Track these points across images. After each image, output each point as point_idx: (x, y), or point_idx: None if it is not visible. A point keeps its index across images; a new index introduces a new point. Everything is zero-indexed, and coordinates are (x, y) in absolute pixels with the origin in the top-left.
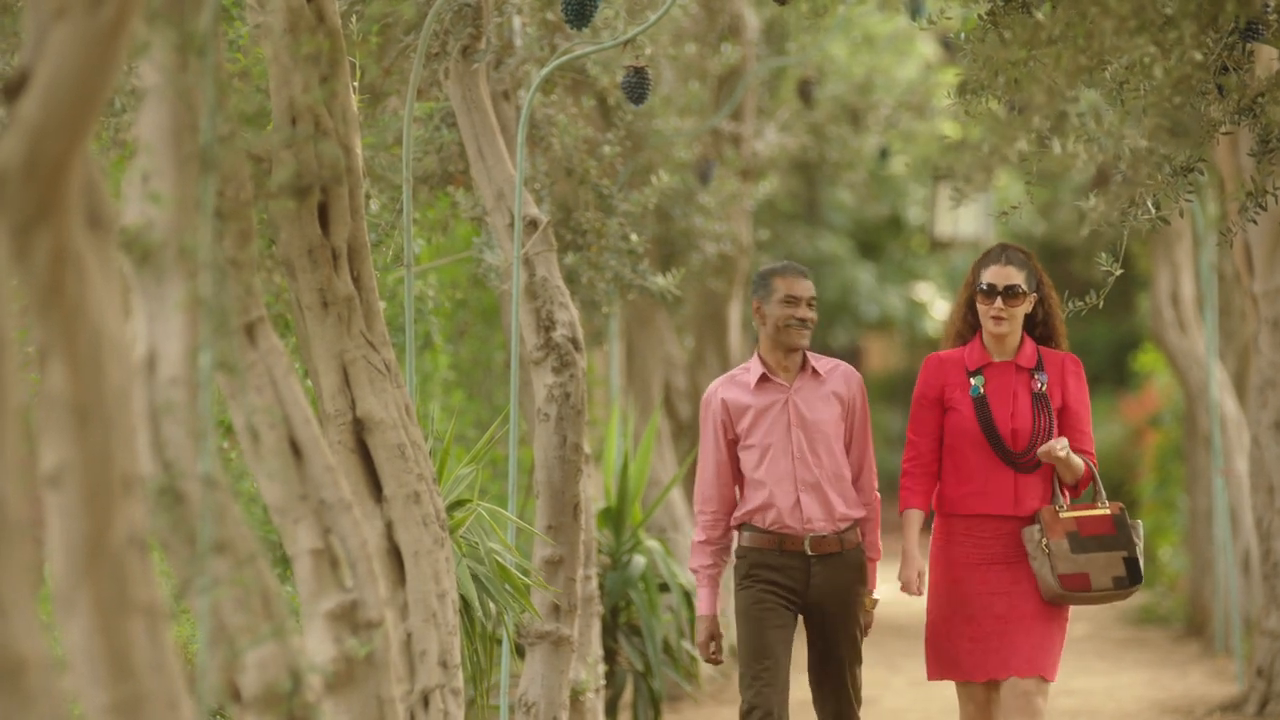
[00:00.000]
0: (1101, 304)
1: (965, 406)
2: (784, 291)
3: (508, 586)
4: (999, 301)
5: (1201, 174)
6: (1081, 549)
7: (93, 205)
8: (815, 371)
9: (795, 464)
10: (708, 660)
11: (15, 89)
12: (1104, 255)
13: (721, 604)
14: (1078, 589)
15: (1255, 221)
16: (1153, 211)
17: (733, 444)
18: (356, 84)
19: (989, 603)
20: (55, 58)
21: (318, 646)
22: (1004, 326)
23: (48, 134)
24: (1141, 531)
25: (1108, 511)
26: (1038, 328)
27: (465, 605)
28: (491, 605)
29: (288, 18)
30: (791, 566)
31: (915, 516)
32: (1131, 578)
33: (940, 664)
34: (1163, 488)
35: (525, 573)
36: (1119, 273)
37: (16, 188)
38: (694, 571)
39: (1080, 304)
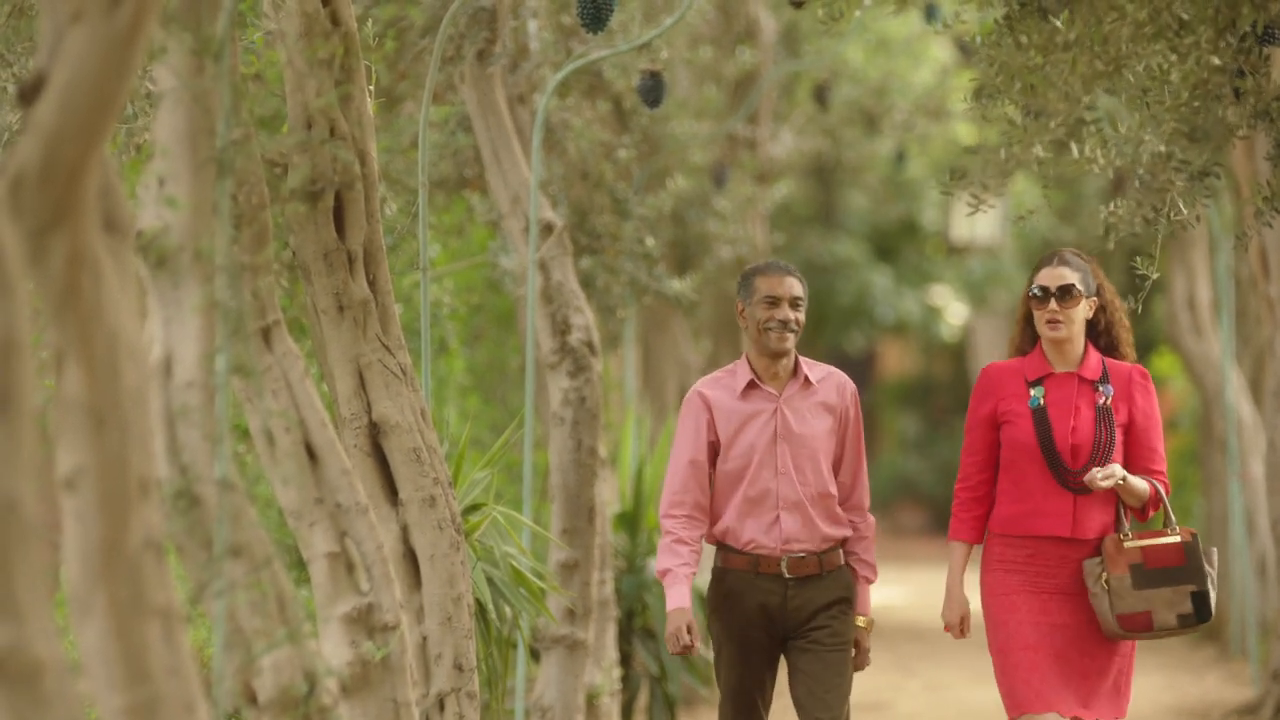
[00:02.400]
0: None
1: (1024, 419)
2: (764, 291)
3: (523, 590)
4: (1053, 303)
5: (1218, 178)
6: (1146, 583)
7: (109, 209)
8: (807, 380)
9: (778, 480)
10: (678, 652)
11: (31, 93)
12: (1140, 259)
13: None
14: (1138, 629)
15: (1271, 225)
16: (1183, 212)
17: (713, 445)
18: (372, 88)
19: (1048, 633)
20: (71, 61)
21: (334, 650)
22: (1060, 330)
23: (64, 138)
24: (1215, 560)
25: (1177, 539)
26: (1101, 337)
27: (481, 609)
28: (507, 609)
29: (302, 22)
30: (767, 590)
31: (961, 551)
32: (1199, 614)
33: (1015, 698)
34: (1179, 492)
35: (540, 576)
36: (1155, 275)
37: (33, 191)
38: (663, 573)
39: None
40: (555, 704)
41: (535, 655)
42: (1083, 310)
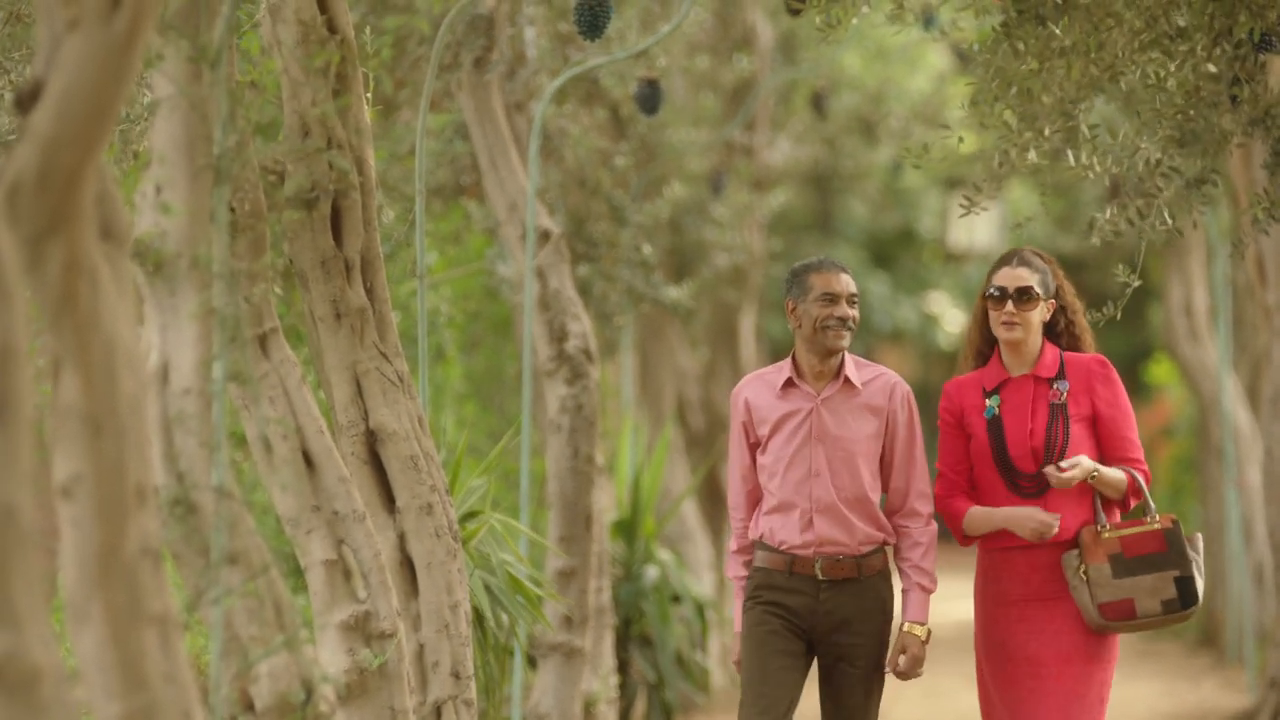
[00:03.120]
0: (1119, 315)
1: (980, 429)
2: (820, 289)
3: (520, 598)
4: (1009, 305)
5: (1215, 185)
6: (1126, 572)
7: (106, 216)
8: (849, 381)
9: (811, 482)
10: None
11: (28, 100)
12: (1121, 267)
13: None
14: (1122, 618)
15: (1268, 233)
16: (1169, 223)
17: (754, 448)
18: (369, 95)
19: (1024, 642)
20: (68, 69)
21: (331, 657)
22: (1016, 332)
23: (61, 145)
24: (1201, 546)
25: (1158, 526)
26: (1060, 338)
27: (478, 616)
28: (504, 616)
29: (299, 30)
30: (800, 591)
31: (979, 511)
32: (1184, 599)
33: (986, 715)
34: (1176, 499)
35: (538, 584)
36: (1136, 284)
37: (29, 199)
38: (732, 578)
39: (1098, 315)
40: (552, 711)
41: (532, 663)
42: (1040, 313)
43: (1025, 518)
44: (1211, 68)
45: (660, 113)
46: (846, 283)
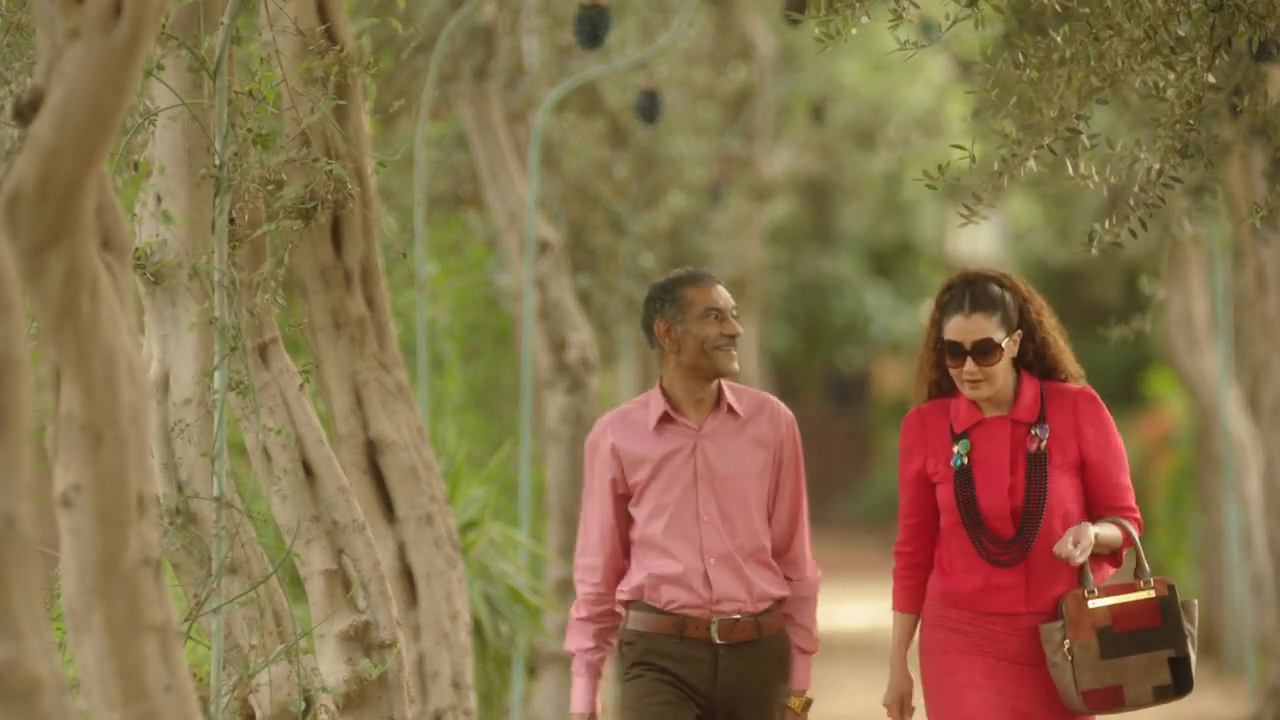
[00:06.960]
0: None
1: (945, 480)
2: (704, 304)
3: (520, 607)
4: (969, 364)
5: (1214, 195)
6: (1115, 651)
7: (106, 226)
8: (733, 410)
9: (701, 529)
10: None
11: (29, 110)
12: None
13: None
14: (1108, 707)
15: (1268, 242)
16: (1186, 229)
17: (623, 500)
18: (370, 104)
19: (992, 699)
20: (69, 78)
21: (331, 667)
22: (983, 389)
23: (61, 155)
24: (1196, 615)
25: (1151, 594)
26: (1033, 365)
27: (478, 626)
28: (504, 626)
29: (298, 40)
30: (694, 658)
31: (906, 623)
32: (1179, 685)
33: None
34: (1176, 509)
35: (538, 594)
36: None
37: (29, 209)
38: (570, 655)
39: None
40: None
41: (532, 672)
42: (1008, 355)
43: (893, 679)
44: (1211, 78)
45: (660, 123)
46: (727, 295)
